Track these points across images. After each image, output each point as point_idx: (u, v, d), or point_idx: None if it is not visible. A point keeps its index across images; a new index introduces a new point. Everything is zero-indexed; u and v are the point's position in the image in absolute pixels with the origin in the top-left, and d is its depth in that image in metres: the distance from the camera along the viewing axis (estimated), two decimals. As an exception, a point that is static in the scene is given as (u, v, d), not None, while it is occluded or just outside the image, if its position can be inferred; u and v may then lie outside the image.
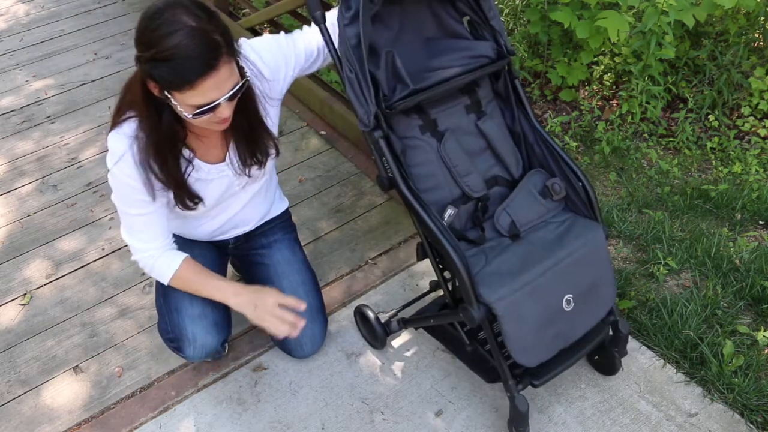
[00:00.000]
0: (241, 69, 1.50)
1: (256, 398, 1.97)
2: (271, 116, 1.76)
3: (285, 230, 2.09)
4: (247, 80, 1.51)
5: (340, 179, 2.80)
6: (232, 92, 1.43)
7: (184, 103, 1.42)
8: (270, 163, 1.83)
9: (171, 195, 1.67)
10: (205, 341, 1.85)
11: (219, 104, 1.42)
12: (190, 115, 1.44)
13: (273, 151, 1.78)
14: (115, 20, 4.26)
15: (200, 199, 1.72)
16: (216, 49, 1.36)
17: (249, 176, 1.79)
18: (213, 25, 1.38)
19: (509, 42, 1.79)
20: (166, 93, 1.42)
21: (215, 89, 1.40)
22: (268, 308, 1.75)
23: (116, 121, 1.59)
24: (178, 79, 1.36)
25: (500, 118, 1.84)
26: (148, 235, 1.71)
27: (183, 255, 1.77)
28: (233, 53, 1.43)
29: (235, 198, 1.88)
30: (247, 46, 1.66)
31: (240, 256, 2.11)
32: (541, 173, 1.80)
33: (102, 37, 4.07)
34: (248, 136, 1.70)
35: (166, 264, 1.75)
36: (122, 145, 1.56)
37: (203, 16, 1.36)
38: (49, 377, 2.07)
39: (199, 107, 1.42)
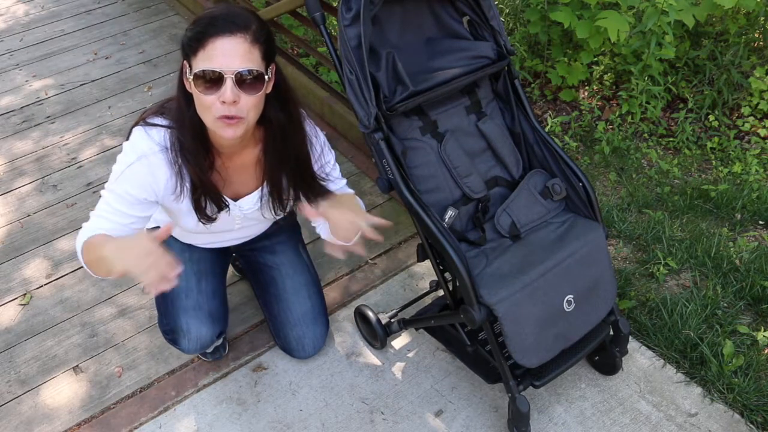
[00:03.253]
0: (270, 69, 1.46)
1: (256, 398, 1.97)
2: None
3: (290, 231, 2.09)
4: (269, 78, 1.46)
5: (340, 179, 2.80)
6: (240, 71, 1.37)
7: (194, 70, 1.38)
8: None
9: (184, 205, 1.64)
10: (199, 333, 1.84)
11: (224, 79, 1.36)
12: (195, 86, 1.39)
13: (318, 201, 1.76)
14: (115, 20, 4.26)
15: (226, 205, 1.69)
16: (242, 22, 1.38)
17: (276, 215, 1.79)
18: (253, 15, 1.42)
19: (509, 42, 1.79)
20: (187, 65, 1.42)
21: (224, 55, 1.36)
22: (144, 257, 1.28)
23: (149, 121, 1.55)
24: (195, 35, 1.37)
25: (500, 119, 1.84)
26: (108, 226, 1.54)
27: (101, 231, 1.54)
28: (260, 45, 1.41)
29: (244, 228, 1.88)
30: (319, 132, 1.75)
31: (244, 255, 2.11)
32: (541, 174, 1.80)
33: (102, 37, 4.07)
34: (294, 172, 1.67)
35: (84, 234, 1.53)
36: (150, 144, 1.52)
37: (251, 11, 1.44)
38: (48, 377, 2.07)
39: (202, 73, 1.37)
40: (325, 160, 1.75)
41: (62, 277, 2.42)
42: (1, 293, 2.38)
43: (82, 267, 2.44)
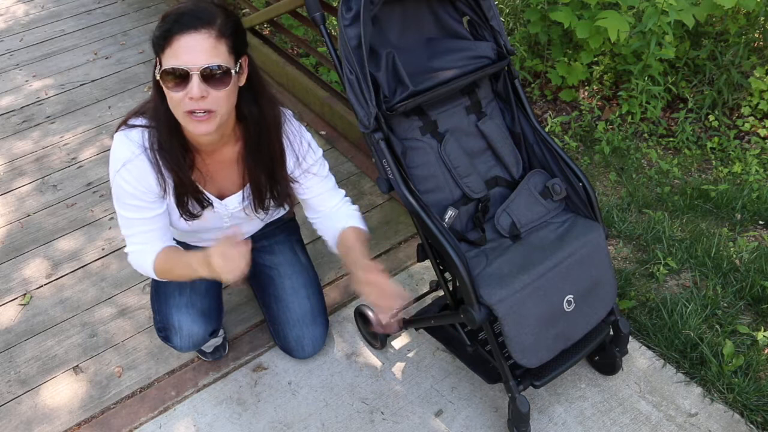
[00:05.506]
0: (240, 63, 1.46)
1: (256, 398, 1.97)
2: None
3: (288, 232, 2.08)
4: (238, 73, 1.46)
5: (340, 179, 2.80)
6: (207, 66, 1.37)
7: (162, 68, 1.39)
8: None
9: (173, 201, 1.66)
10: (191, 330, 1.84)
11: (190, 75, 1.37)
12: (163, 83, 1.40)
13: (287, 206, 1.78)
14: (115, 20, 4.26)
15: (209, 203, 1.70)
16: (207, 17, 1.38)
17: (258, 214, 1.79)
18: (219, 9, 1.42)
19: (509, 42, 1.79)
20: (157, 60, 1.42)
21: (188, 52, 1.36)
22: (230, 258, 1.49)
23: (129, 123, 1.57)
24: (162, 33, 1.38)
25: (500, 119, 1.84)
26: (143, 238, 1.67)
27: (162, 245, 1.68)
28: (226, 39, 1.40)
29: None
30: (304, 131, 1.73)
31: None
32: (541, 174, 1.80)
33: (102, 37, 4.07)
34: (270, 171, 1.67)
35: (145, 258, 1.67)
36: (130, 148, 1.54)
37: (219, 5, 1.43)
38: (48, 377, 2.07)
39: (168, 71, 1.38)
40: (309, 163, 1.74)
41: (62, 277, 2.42)
42: (1, 293, 2.38)
43: (81, 267, 2.45)
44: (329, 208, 1.82)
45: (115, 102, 3.43)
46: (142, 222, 1.64)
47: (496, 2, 3.63)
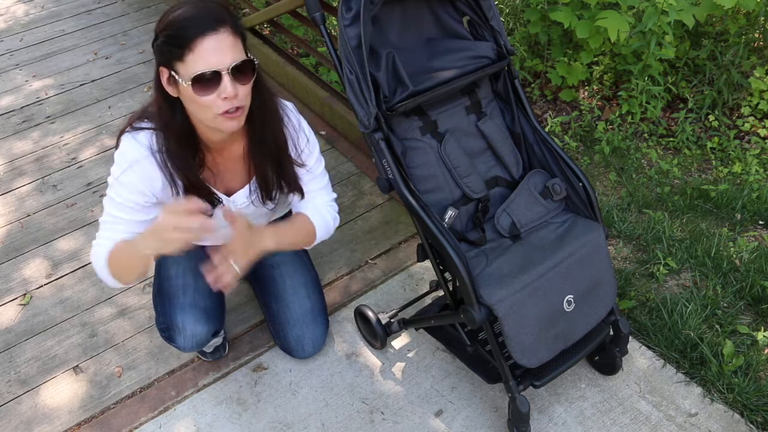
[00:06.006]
0: (251, 57, 1.46)
1: (256, 398, 1.97)
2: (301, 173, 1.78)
3: None
4: (257, 64, 1.47)
5: (340, 179, 2.80)
6: (235, 64, 1.38)
7: (187, 76, 1.38)
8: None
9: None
10: (194, 330, 1.84)
11: (221, 76, 1.38)
12: (194, 91, 1.39)
13: (298, 194, 1.78)
14: (115, 20, 4.26)
15: (219, 201, 1.70)
16: (219, 17, 1.38)
17: (266, 206, 1.79)
18: (222, 7, 1.42)
19: (509, 42, 1.79)
20: (172, 73, 1.40)
21: (216, 53, 1.36)
22: (170, 231, 1.37)
23: (135, 126, 1.57)
24: (179, 41, 1.36)
25: (500, 119, 1.84)
26: (116, 237, 1.60)
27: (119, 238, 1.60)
28: (240, 34, 1.42)
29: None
30: (304, 124, 1.75)
31: None
32: (541, 174, 1.80)
33: (102, 37, 4.07)
34: (275, 160, 1.68)
35: (102, 252, 1.59)
36: (139, 149, 1.54)
37: (218, 2, 1.43)
38: (48, 377, 2.07)
39: (200, 76, 1.37)
40: (306, 154, 1.75)
41: (62, 277, 2.42)
42: (1, 293, 2.38)
43: (81, 267, 2.45)
44: (314, 206, 1.83)
45: (115, 102, 3.43)
46: (128, 223, 1.60)
47: (496, 2, 3.63)
